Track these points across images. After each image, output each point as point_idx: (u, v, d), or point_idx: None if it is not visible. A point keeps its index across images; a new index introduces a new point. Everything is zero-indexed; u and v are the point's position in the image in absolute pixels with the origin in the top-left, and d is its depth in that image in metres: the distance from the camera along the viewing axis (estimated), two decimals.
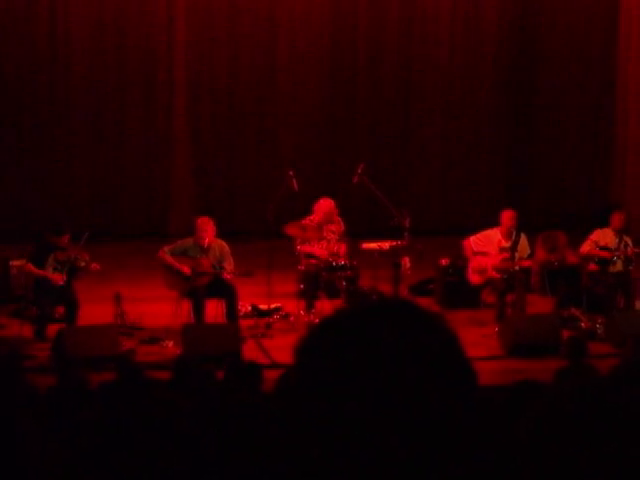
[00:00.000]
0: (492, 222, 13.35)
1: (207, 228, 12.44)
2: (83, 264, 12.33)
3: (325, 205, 13.18)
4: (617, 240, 13.18)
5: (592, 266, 13.27)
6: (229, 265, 12.48)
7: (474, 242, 13.15)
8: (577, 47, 19.74)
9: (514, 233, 12.99)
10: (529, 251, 13.26)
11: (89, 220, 18.45)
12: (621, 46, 19.17)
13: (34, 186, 18.69)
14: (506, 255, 12.92)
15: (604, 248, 13.16)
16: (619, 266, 13.13)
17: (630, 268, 13.11)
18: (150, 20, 18.80)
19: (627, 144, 19.07)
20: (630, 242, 13.20)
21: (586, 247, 13.30)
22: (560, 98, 19.80)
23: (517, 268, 12.91)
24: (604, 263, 13.15)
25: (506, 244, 12.98)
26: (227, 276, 12.36)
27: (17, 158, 18.74)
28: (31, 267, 12.33)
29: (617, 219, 13.26)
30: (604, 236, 13.26)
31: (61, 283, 12.09)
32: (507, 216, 13.02)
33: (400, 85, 19.66)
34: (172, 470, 2.26)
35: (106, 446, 2.20)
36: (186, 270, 12.30)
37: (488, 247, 13.03)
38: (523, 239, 13.07)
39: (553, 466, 1.78)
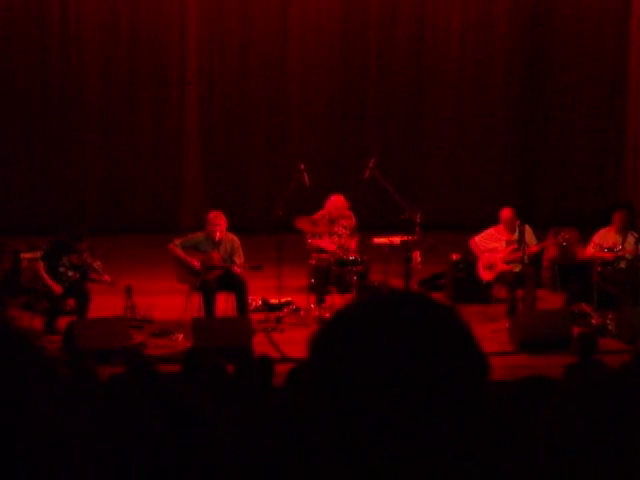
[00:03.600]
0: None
1: (219, 222, 12.45)
2: (95, 275, 12.37)
3: (336, 200, 13.18)
4: (621, 239, 13.14)
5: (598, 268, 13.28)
6: (239, 259, 12.50)
7: (479, 241, 13.19)
8: (589, 47, 19.68)
9: (517, 227, 13.01)
10: (535, 241, 13.26)
11: (100, 214, 18.53)
12: (633, 45, 19.12)
13: (45, 180, 18.73)
14: (514, 247, 12.94)
15: (607, 249, 13.13)
16: (624, 265, 13.11)
17: (635, 266, 13.05)
18: (162, 19, 18.81)
19: (638, 142, 19.03)
20: (633, 238, 13.13)
21: (590, 250, 13.30)
22: (571, 96, 19.75)
23: (526, 259, 12.90)
24: (608, 265, 13.13)
25: (512, 238, 13.01)
26: (237, 270, 12.37)
27: (28, 153, 18.77)
28: (41, 267, 12.34)
29: (618, 218, 13.21)
30: (607, 236, 13.22)
31: (58, 293, 12.14)
32: (505, 213, 13.07)
33: (411, 80, 19.64)
34: (181, 464, 2.26)
35: (114, 439, 2.20)
36: (196, 264, 12.33)
37: (493, 244, 13.06)
38: (528, 230, 13.06)
39: (566, 462, 1.77)
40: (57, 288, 12.15)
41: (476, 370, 1.66)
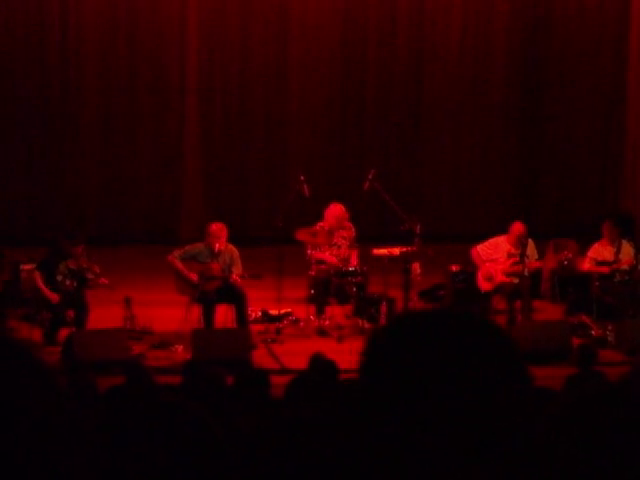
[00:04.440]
0: (502, 229, 13.34)
1: (222, 235, 12.46)
2: (92, 277, 12.38)
3: (336, 210, 13.17)
4: (615, 250, 13.12)
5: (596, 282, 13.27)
6: (237, 270, 12.49)
7: (481, 250, 13.17)
8: (588, 57, 19.67)
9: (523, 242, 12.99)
10: (537, 256, 13.26)
11: (99, 224, 18.52)
12: (632, 56, 19.14)
13: (45, 190, 18.70)
14: (515, 259, 12.93)
15: (603, 263, 13.11)
16: (620, 276, 13.09)
17: (634, 277, 13.01)
18: (162, 26, 18.82)
19: (637, 152, 19.03)
20: (631, 249, 13.10)
21: (586, 265, 13.28)
22: (571, 106, 19.75)
23: (526, 273, 12.89)
24: (605, 279, 13.11)
25: (515, 251, 12.99)
26: (235, 278, 12.34)
27: (27, 162, 18.76)
28: (37, 277, 12.39)
29: (606, 229, 13.19)
30: (601, 250, 13.20)
31: (55, 302, 12.17)
32: (517, 228, 13.00)
33: (411, 91, 19.64)
34: (180, 476, 2.25)
35: (114, 450, 2.20)
36: (194, 278, 12.32)
37: (496, 254, 13.04)
38: (530, 244, 13.06)
39: (566, 473, 1.77)
40: (53, 297, 12.19)
41: (523, 384, 1.66)
